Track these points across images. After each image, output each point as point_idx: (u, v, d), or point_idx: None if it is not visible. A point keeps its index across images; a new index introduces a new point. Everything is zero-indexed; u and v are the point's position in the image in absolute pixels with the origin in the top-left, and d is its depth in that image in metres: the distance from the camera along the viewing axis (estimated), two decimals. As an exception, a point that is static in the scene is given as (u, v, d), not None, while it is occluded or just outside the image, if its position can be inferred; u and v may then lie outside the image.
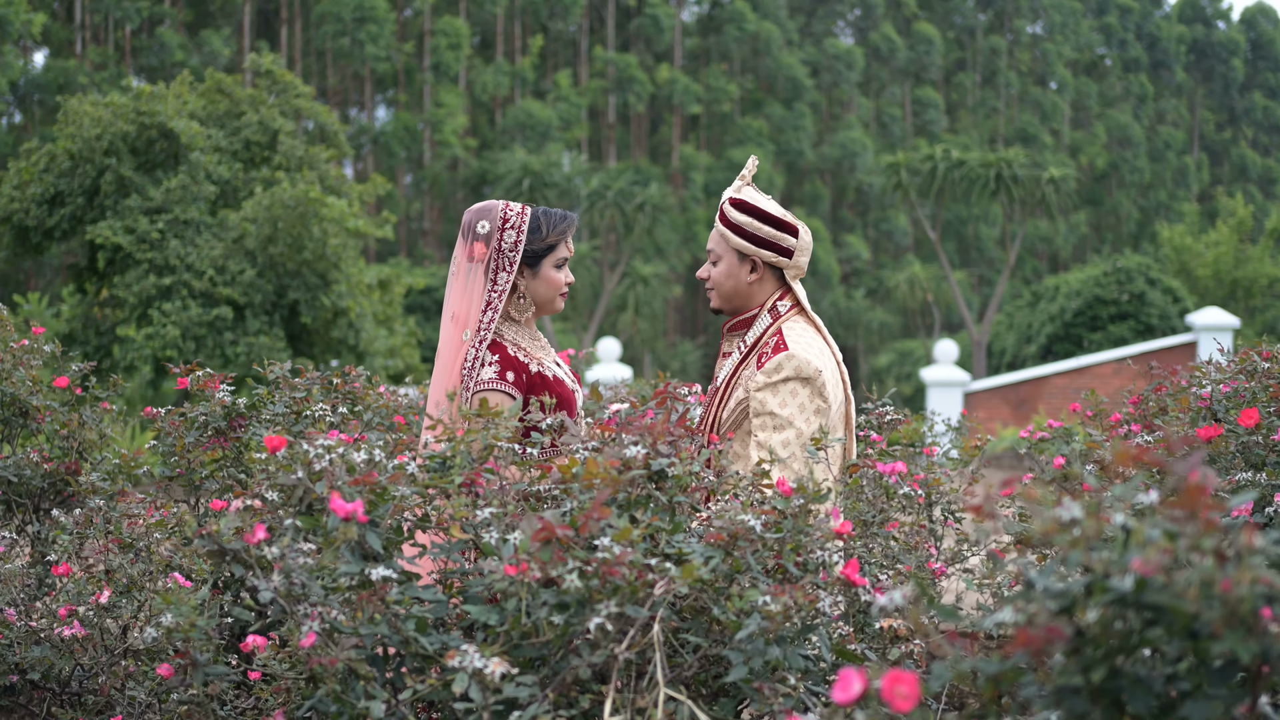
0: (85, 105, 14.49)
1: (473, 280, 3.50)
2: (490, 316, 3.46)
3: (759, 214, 3.44)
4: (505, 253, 3.50)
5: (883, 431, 3.83)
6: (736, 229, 3.45)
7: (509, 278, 3.49)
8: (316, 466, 2.23)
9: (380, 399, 4.25)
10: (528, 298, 3.55)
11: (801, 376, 3.27)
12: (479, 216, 3.55)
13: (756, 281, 3.48)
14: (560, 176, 35.99)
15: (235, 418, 3.81)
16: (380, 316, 16.02)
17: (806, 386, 3.27)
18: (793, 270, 3.51)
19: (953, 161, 30.78)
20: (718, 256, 3.51)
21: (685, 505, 2.28)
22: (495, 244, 3.50)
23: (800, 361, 3.29)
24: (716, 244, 3.52)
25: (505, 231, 3.51)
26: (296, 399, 3.82)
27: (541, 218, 3.55)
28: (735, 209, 3.47)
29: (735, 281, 3.48)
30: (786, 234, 3.46)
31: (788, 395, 3.26)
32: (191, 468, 3.85)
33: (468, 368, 3.43)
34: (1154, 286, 26.22)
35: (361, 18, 41.45)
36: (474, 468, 2.32)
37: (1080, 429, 4.76)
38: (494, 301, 3.48)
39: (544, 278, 3.53)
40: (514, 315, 3.55)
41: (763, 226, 3.43)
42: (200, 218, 14.23)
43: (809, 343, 3.37)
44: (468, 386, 3.41)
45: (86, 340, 14.46)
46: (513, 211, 3.54)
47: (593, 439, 2.45)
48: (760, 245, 3.44)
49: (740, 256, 3.47)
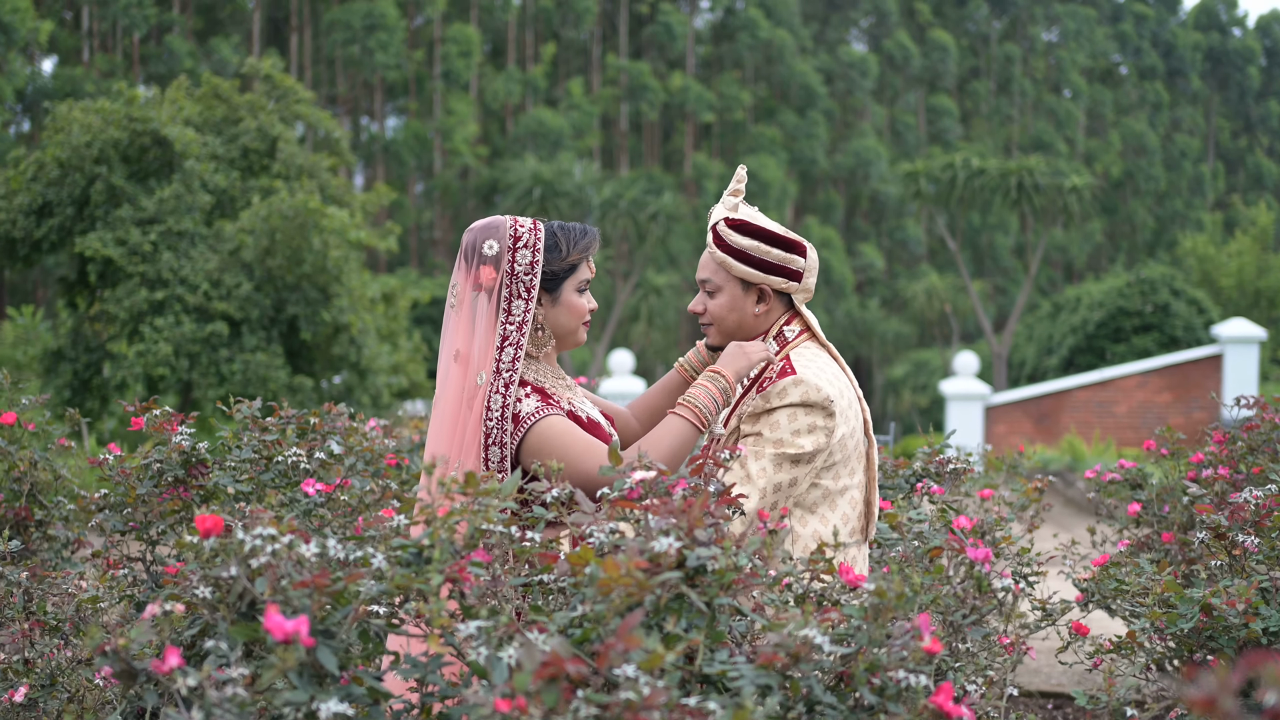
0: (75, 111, 13.97)
1: (480, 311, 2.93)
2: (513, 354, 2.90)
3: (764, 235, 2.96)
4: (520, 276, 2.94)
5: (944, 482, 3.30)
6: (739, 255, 2.96)
7: (526, 306, 2.93)
8: (255, 562, 1.73)
9: (366, 440, 3.74)
10: (546, 329, 3.01)
11: (807, 402, 2.84)
12: (484, 235, 2.98)
13: (764, 312, 3.01)
14: (572, 185, 35.55)
15: (196, 465, 3.30)
16: (384, 332, 15.44)
17: (811, 412, 2.84)
18: (801, 294, 3.03)
19: (973, 170, 30.27)
20: (716, 287, 3.01)
21: (728, 607, 1.78)
22: (507, 267, 2.94)
23: (809, 387, 2.85)
24: (713, 273, 3.01)
25: (518, 251, 2.95)
26: (267, 442, 3.31)
27: (559, 234, 3.00)
28: (736, 231, 2.97)
29: (740, 314, 3.01)
30: (795, 255, 2.98)
31: (784, 418, 2.83)
32: (149, 519, 3.36)
33: (495, 416, 2.87)
34: (1178, 297, 25.70)
35: (371, 25, 41.11)
36: (458, 558, 1.81)
37: (1156, 468, 4.25)
38: (511, 335, 2.92)
39: (565, 304, 2.99)
40: (531, 351, 3.02)
41: (771, 250, 2.95)
42: (195, 229, 13.65)
43: (821, 368, 2.93)
44: (496, 438, 2.86)
45: (76, 357, 13.94)
46: (524, 228, 2.98)
47: (611, 518, 1.94)
48: (769, 271, 2.97)
49: (745, 286, 2.99)
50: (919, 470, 3.38)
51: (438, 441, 2.96)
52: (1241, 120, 67.69)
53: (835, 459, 2.88)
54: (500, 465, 2.87)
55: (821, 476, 2.86)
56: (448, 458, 2.93)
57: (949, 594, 1.91)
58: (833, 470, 2.87)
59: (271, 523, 1.79)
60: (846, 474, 2.90)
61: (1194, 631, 2.64)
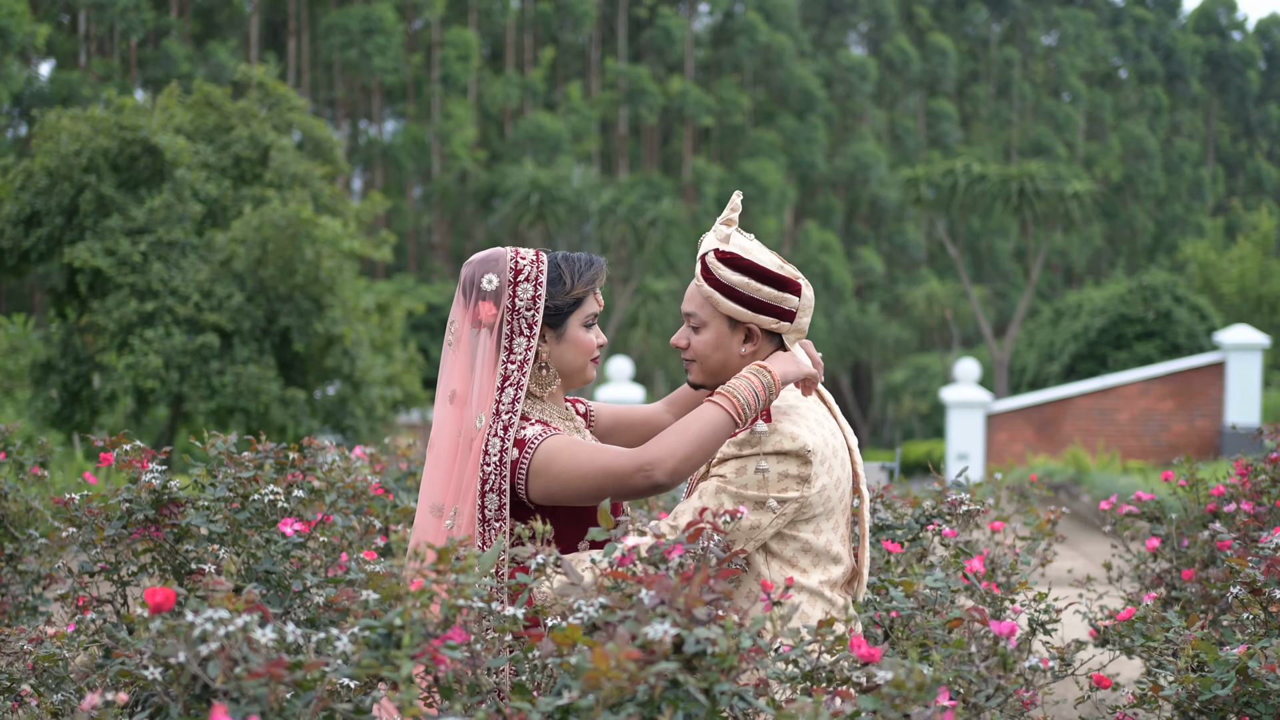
0: (64, 120, 13.73)
1: (480, 350, 2.77)
2: (514, 395, 2.73)
3: (757, 272, 2.74)
4: (521, 312, 2.77)
5: (956, 523, 3.12)
6: (729, 291, 2.75)
7: (528, 344, 2.77)
8: (204, 649, 1.56)
9: (349, 474, 3.57)
10: (551, 367, 2.84)
11: (781, 450, 2.65)
12: (483, 269, 2.81)
13: (751, 353, 2.80)
14: (570, 191, 35.40)
15: (167, 504, 3.14)
16: (378, 343, 15.21)
17: (784, 460, 2.65)
18: (794, 334, 2.82)
19: (974, 176, 30.14)
20: (701, 322, 2.81)
21: (730, 694, 1.61)
22: (508, 302, 2.77)
23: (783, 436, 2.66)
24: (699, 307, 2.81)
25: (519, 285, 2.79)
26: (243, 479, 3.15)
27: (563, 265, 2.83)
28: (725, 265, 2.75)
29: (725, 353, 2.80)
30: (788, 293, 2.76)
31: (751, 465, 2.65)
32: (119, 561, 3.19)
33: (493, 460, 2.68)
34: (1180, 304, 25.56)
35: (369, 29, 40.95)
36: (432, 639, 1.64)
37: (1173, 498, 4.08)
38: (513, 375, 2.75)
39: (571, 340, 2.82)
40: (534, 389, 2.84)
41: (762, 288, 2.74)
42: (185, 239, 13.40)
43: (802, 414, 2.73)
44: (494, 484, 2.68)
45: (65, 369, 13.72)
46: (525, 260, 2.82)
47: (600, 590, 1.76)
48: (758, 310, 2.76)
49: (732, 323, 2.79)
50: (929, 511, 3.21)
51: (433, 488, 2.78)
52: (1241, 124, 67.60)
53: (816, 511, 2.69)
54: (498, 513, 2.69)
55: (799, 529, 2.68)
56: (442, 506, 2.76)
57: (973, 674, 1.74)
58: (813, 523, 2.69)
59: (227, 599, 1.63)
60: (829, 527, 2.71)
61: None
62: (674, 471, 2.60)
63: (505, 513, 2.69)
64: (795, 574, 2.64)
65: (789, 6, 53.18)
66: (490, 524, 2.69)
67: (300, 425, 13.69)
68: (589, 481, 2.64)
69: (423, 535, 2.78)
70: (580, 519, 2.77)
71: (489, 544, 2.67)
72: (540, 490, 2.69)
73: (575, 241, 38.66)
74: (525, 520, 2.71)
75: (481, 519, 2.69)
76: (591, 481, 2.64)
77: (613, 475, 2.63)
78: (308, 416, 13.78)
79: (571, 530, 2.75)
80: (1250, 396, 20.73)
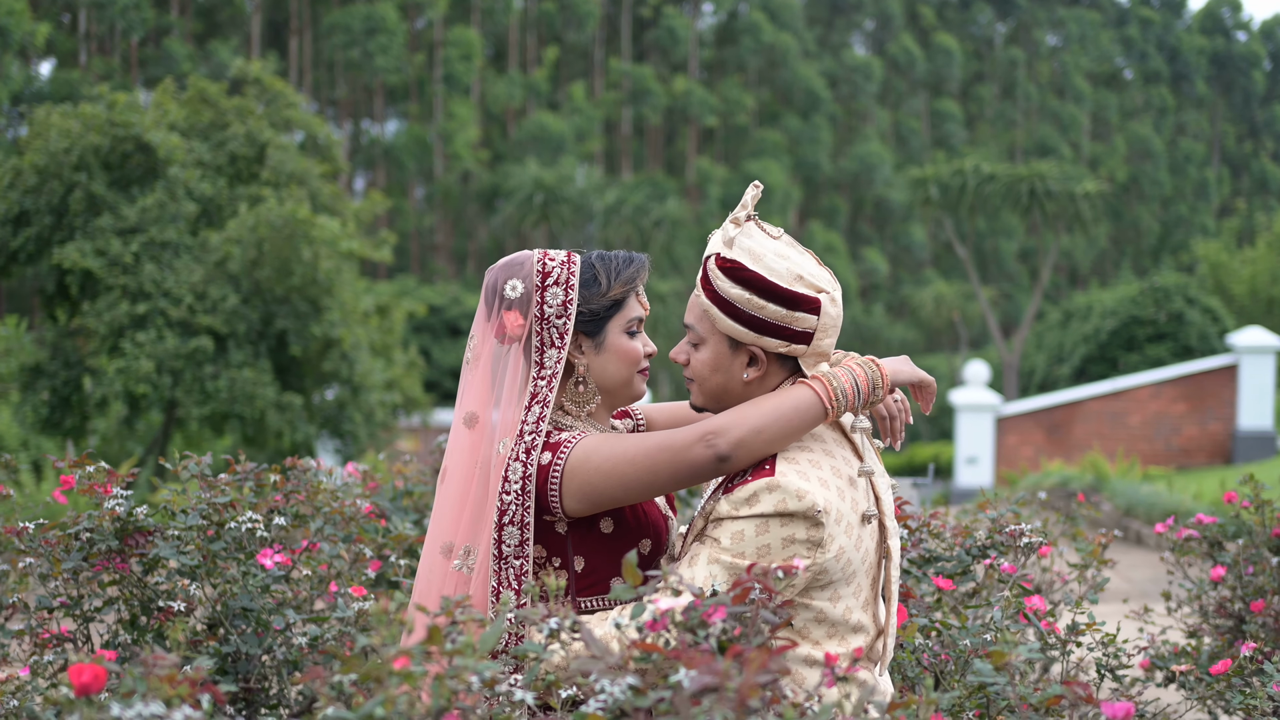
0: (54, 116, 13.39)
1: (507, 366, 2.41)
2: (539, 413, 2.36)
3: (761, 286, 2.29)
4: (551, 320, 2.41)
5: (1018, 558, 2.79)
6: (728, 307, 2.32)
7: (560, 355, 2.40)
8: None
9: (336, 498, 3.24)
10: (589, 381, 2.45)
11: (784, 512, 2.20)
12: (506, 274, 2.45)
13: (757, 379, 2.36)
14: (574, 191, 35.15)
15: (133, 533, 2.81)
16: (377, 346, 14.84)
17: (789, 523, 2.20)
18: (813, 358, 2.36)
19: (983, 176, 29.84)
20: (699, 338, 2.39)
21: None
22: (536, 310, 2.41)
23: (786, 494, 2.20)
24: (697, 320, 2.39)
25: (547, 290, 2.42)
26: (218, 505, 2.82)
27: (597, 264, 2.46)
28: (727, 276, 2.31)
29: (725, 377, 2.37)
30: (803, 311, 2.29)
31: (751, 530, 2.20)
32: (81, 595, 2.88)
33: (513, 489, 2.31)
34: (1193, 306, 25.25)
35: (371, 29, 40.74)
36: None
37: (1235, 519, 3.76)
38: (541, 392, 2.38)
39: (612, 349, 2.43)
40: (569, 408, 2.47)
41: (767, 305, 2.29)
42: (179, 239, 13.03)
43: (814, 461, 2.27)
44: (514, 517, 2.31)
45: (55, 373, 13.37)
46: (554, 261, 2.45)
47: (627, 664, 1.44)
48: (762, 331, 2.31)
49: (733, 344, 2.35)
50: (982, 542, 2.88)
51: (443, 524, 2.42)
52: (1246, 125, 67.48)
53: (833, 577, 2.24)
54: (519, 549, 2.33)
55: (813, 597, 2.24)
56: (452, 544, 2.41)
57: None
58: (829, 590, 2.25)
59: (168, 680, 1.31)
60: (849, 593, 2.27)
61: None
62: (740, 442, 2.23)
63: (527, 549, 2.34)
64: (806, 647, 2.24)
65: (793, 6, 53.01)
66: (508, 561, 2.34)
67: (297, 431, 13.34)
68: (638, 465, 2.27)
69: (429, 580, 2.44)
70: (618, 550, 2.39)
71: (505, 584, 2.34)
72: (578, 492, 2.30)
73: (579, 242, 38.32)
74: (552, 555, 2.37)
75: (498, 555, 2.34)
76: (641, 464, 2.27)
77: (668, 449, 2.26)
78: (305, 422, 13.43)
79: (607, 565, 2.39)
80: (1263, 399, 20.44)
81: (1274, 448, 20.26)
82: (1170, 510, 12.30)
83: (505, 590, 2.33)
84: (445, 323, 27.40)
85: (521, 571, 2.33)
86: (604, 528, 2.39)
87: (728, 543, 2.21)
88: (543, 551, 2.37)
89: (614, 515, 2.40)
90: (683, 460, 2.25)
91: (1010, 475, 19.27)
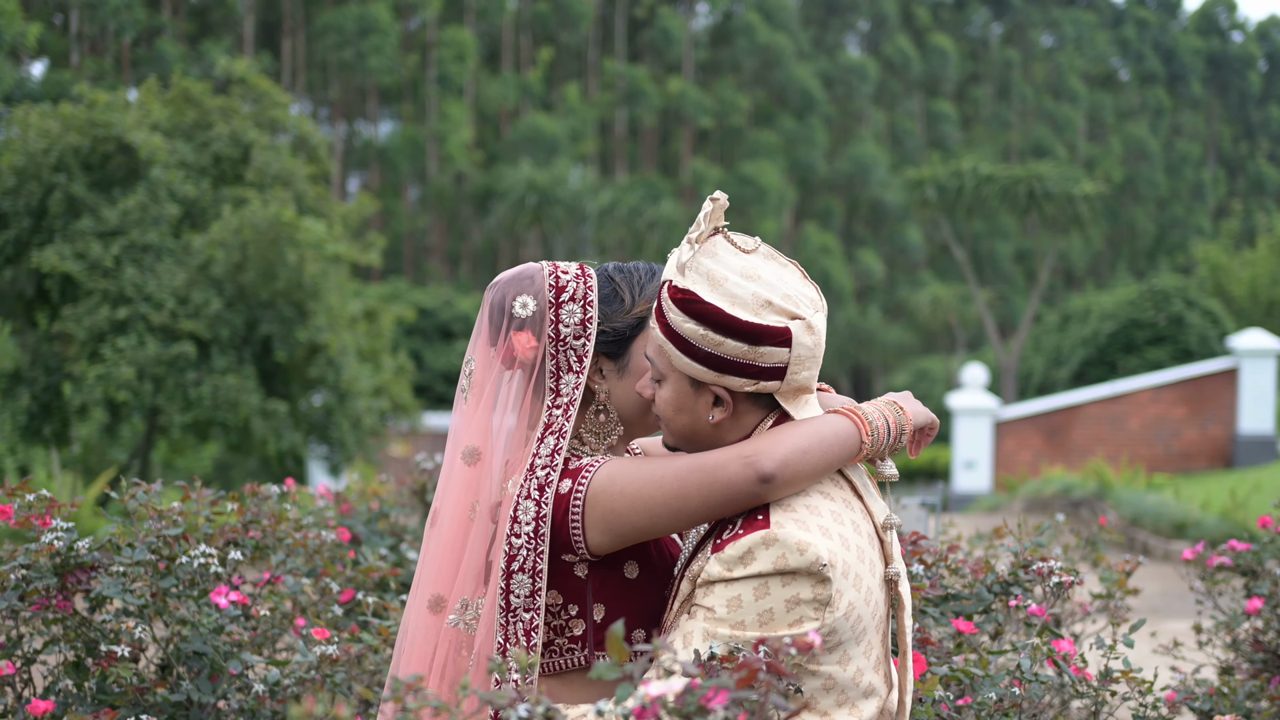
0: (32, 116, 13.10)
1: (513, 394, 2.13)
2: (554, 444, 2.08)
3: (718, 320, 1.97)
4: (568, 341, 2.14)
5: (1045, 601, 2.54)
6: (682, 344, 2.00)
7: (579, 380, 2.12)
8: None
9: (299, 527, 2.99)
10: (611, 410, 2.17)
11: (786, 570, 1.91)
12: (515, 289, 2.17)
13: (728, 420, 2.05)
14: (567, 192, 34.99)
15: (74, 569, 2.56)
16: (365, 351, 14.55)
17: (792, 582, 1.91)
18: (792, 391, 2.04)
19: (981, 177, 29.68)
20: (659, 374, 2.08)
21: None
22: (550, 330, 2.13)
23: (786, 548, 1.91)
24: (656, 355, 2.08)
25: (562, 307, 2.14)
26: (168, 538, 2.57)
27: (617, 278, 2.19)
28: (679, 308, 2.00)
29: (690, 417, 2.06)
30: (770, 345, 1.97)
31: (749, 593, 1.91)
32: (21, 634, 2.64)
33: (525, 530, 2.03)
34: (1192, 308, 25.10)
35: (365, 29, 40.58)
36: None
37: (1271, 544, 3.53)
38: (556, 421, 2.10)
39: (637, 373, 2.16)
40: (589, 440, 2.18)
41: (725, 341, 1.97)
42: (161, 242, 12.72)
43: (809, 507, 1.98)
44: (525, 562, 2.03)
45: (34, 379, 13.09)
46: (568, 275, 2.17)
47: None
48: (724, 370, 2.00)
49: (694, 383, 2.04)
50: (1005, 579, 2.62)
51: (433, 574, 2.13)
52: (1242, 125, 67.52)
53: (842, 637, 1.96)
54: (529, 600, 2.05)
55: (820, 661, 1.95)
56: (444, 597, 2.13)
57: None
58: (838, 651, 1.96)
59: None
60: (860, 652, 1.99)
61: None
62: (785, 461, 1.95)
63: (539, 599, 2.05)
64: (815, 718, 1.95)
65: (788, 7, 52.92)
66: (516, 614, 2.05)
67: (282, 439, 13.05)
68: (665, 488, 2.00)
69: (414, 638, 2.15)
70: (642, 597, 2.11)
71: (512, 639, 2.06)
72: (601, 522, 2.03)
73: (573, 244, 38.22)
74: (569, 602, 2.08)
75: (505, 607, 2.05)
76: (669, 487, 2.00)
77: (700, 469, 1.99)
78: (290, 429, 13.14)
79: (630, 614, 2.10)
80: (1264, 403, 20.29)
81: (1275, 452, 20.09)
82: (1178, 521, 12.08)
83: (513, 648, 2.05)
84: (437, 326, 27.17)
85: (532, 626, 2.05)
86: (628, 572, 2.10)
87: (723, 611, 1.91)
88: (558, 598, 2.08)
89: (639, 557, 2.11)
90: (716, 481, 1.97)
91: (1009, 480, 19.07)
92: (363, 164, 45.60)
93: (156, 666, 2.66)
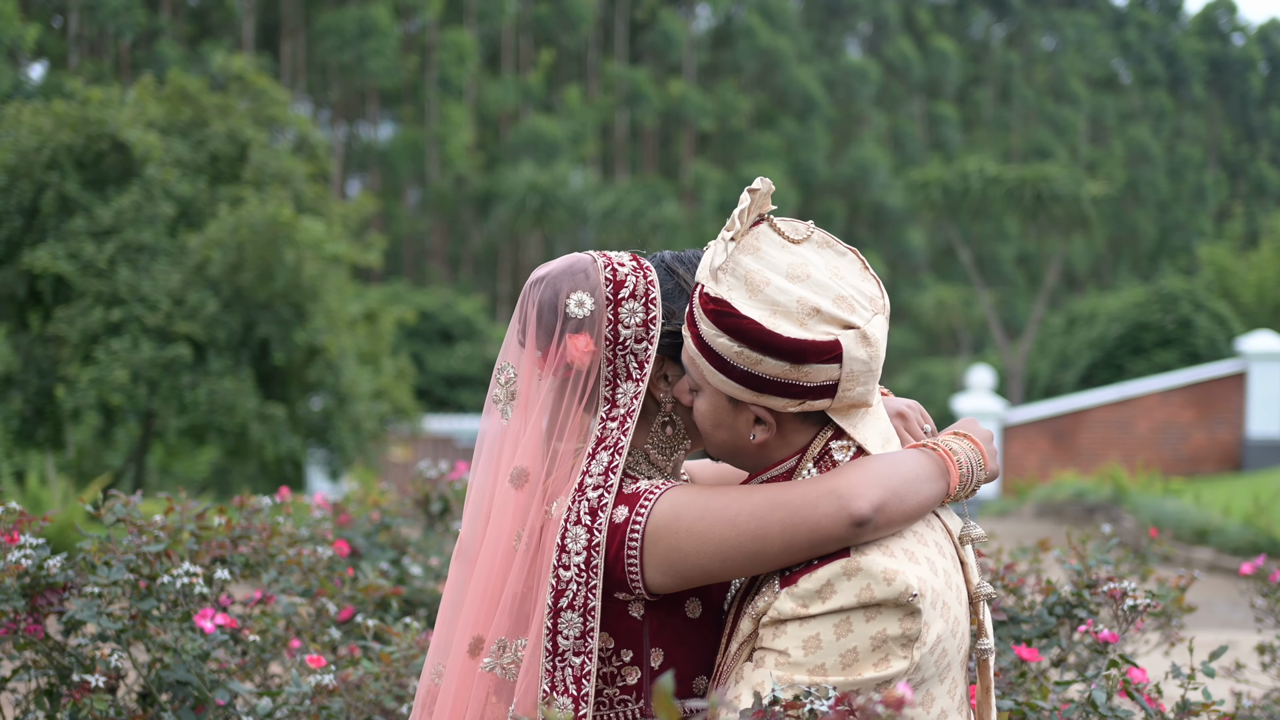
0: (24, 113, 12.90)
1: (567, 406, 1.85)
2: (608, 462, 1.80)
3: (755, 336, 1.71)
4: (628, 345, 1.85)
5: (1119, 625, 2.31)
6: (716, 360, 1.75)
7: (639, 389, 1.84)
8: None
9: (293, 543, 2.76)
10: (677, 421, 1.89)
11: (871, 603, 1.66)
12: (567, 285, 1.87)
13: (772, 440, 1.80)
14: (568, 195, 34.84)
15: (45, 590, 2.34)
16: (365, 354, 14.30)
17: (878, 617, 1.66)
18: (846, 407, 1.79)
19: (987, 179, 29.50)
20: (694, 384, 1.83)
21: None
22: (609, 332, 1.84)
23: (872, 577, 1.67)
24: (689, 363, 1.82)
25: (622, 305, 1.85)
26: (148, 556, 2.34)
27: (679, 269, 1.92)
28: (712, 320, 1.74)
29: (730, 434, 1.82)
30: (816, 363, 1.71)
31: (829, 631, 1.66)
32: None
33: (575, 561, 1.76)
34: (1200, 311, 24.92)
35: (365, 31, 40.46)
36: None
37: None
38: (611, 435, 1.82)
39: None
40: (654, 457, 1.90)
41: (764, 360, 1.72)
42: (156, 242, 12.48)
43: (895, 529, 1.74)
44: (575, 598, 1.76)
45: (26, 382, 12.85)
46: (624, 268, 1.89)
47: None
48: (763, 390, 1.74)
49: (731, 400, 1.79)
50: (1069, 599, 2.37)
51: (468, 613, 1.86)
52: (1243, 128, 67.49)
53: (925, 675, 1.71)
54: (580, 643, 1.77)
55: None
56: (482, 639, 1.85)
57: None
58: (920, 690, 1.72)
59: None
60: (944, 691, 1.74)
61: None
62: (882, 505, 1.68)
63: (591, 641, 1.77)
64: None
65: (789, 10, 52.85)
66: (564, 658, 1.78)
67: (280, 444, 12.77)
68: (741, 528, 1.72)
69: (448, 684, 1.87)
70: (704, 641, 1.85)
71: (559, 688, 1.78)
72: (663, 561, 1.75)
73: (575, 246, 38.06)
74: (622, 647, 1.82)
75: (552, 649, 1.78)
76: (746, 527, 1.72)
77: (783, 506, 1.71)
78: (289, 434, 12.88)
79: (690, 660, 1.84)
80: (1273, 406, 20.12)
81: (1284, 457, 19.94)
82: (1200, 527, 11.87)
83: (561, 698, 1.78)
84: (438, 328, 26.97)
85: (583, 673, 1.78)
86: (690, 611, 1.84)
87: (799, 655, 1.65)
88: (609, 642, 1.81)
89: (701, 595, 1.85)
90: (805, 523, 1.69)
91: (1018, 485, 18.87)
92: (363, 167, 45.50)
93: (137, 695, 2.43)
